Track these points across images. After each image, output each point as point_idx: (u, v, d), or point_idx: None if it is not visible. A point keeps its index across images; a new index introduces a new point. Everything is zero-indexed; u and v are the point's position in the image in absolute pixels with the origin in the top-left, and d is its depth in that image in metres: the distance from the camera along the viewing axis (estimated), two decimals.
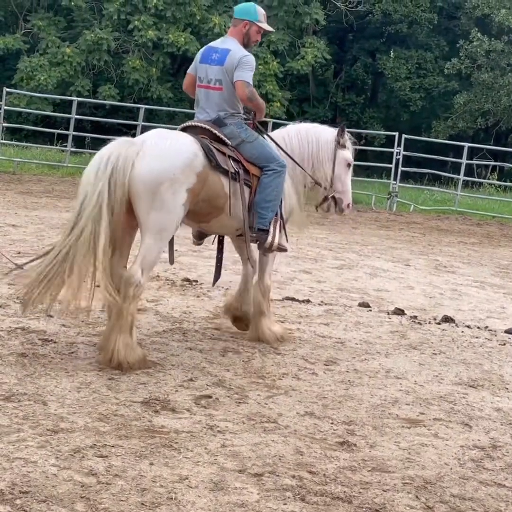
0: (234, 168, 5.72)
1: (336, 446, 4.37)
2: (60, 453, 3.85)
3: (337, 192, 6.48)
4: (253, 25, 6.02)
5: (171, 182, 5.26)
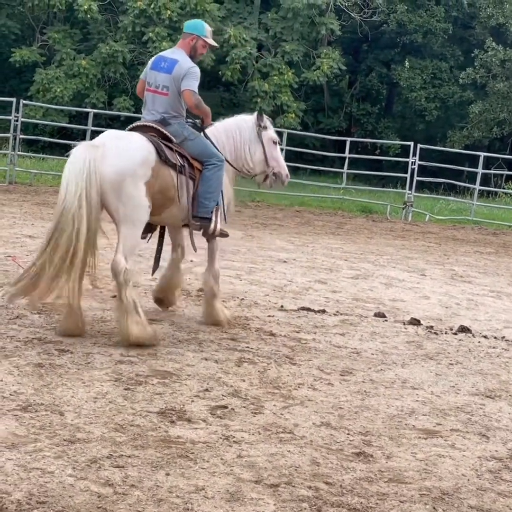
0: (180, 162, 6.37)
1: (353, 457, 4.36)
2: (77, 464, 3.86)
3: (274, 167, 7.15)
4: (199, 39, 6.67)
5: (132, 177, 5.93)
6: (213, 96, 30.03)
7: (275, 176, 7.19)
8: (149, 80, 6.59)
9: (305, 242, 13.21)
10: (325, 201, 19.91)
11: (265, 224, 15.29)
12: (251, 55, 26.23)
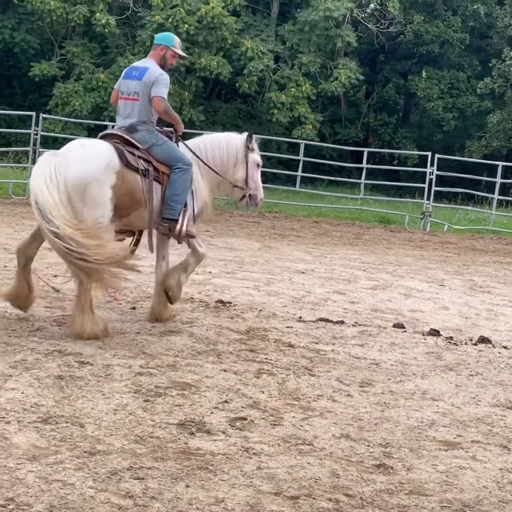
0: (144, 166, 6.65)
1: (373, 469, 4.34)
2: (97, 475, 3.88)
3: (252, 189, 7.44)
4: (168, 50, 7.02)
5: (96, 182, 6.30)
6: (231, 108, 30.16)
7: (251, 197, 7.46)
8: (122, 89, 6.93)
9: (323, 253, 13.20)
10: (342, 212, 19.90)
11: (283, 235, 15.31)
12: (268, 67, 26.31)
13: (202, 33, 25.81)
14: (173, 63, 7.11)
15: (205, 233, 14.29)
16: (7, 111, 26.72)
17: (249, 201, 7.49)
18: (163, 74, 6.86)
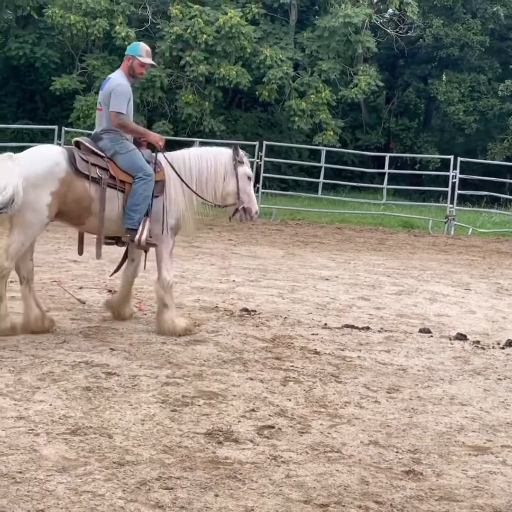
0: (98, 174, 6.67)
1: (402, 475, 4.31)
2: (127, 486, 3.89)
3: (245, 203, 7.33)
4: (135, 59, 7.07)
5: (33, 187, 6.35)
6: (251, 116, 30.20)
7: (245, 210, 7.35)
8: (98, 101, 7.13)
9: (347, 259, 13.16)
10: (365, 217, 19.84)
11: (306, 242, 15.29)
12: (288, 74, 26.32)
13: (221, 43, 25.86)
14: (142, 72, 7.17)
15: (228, 241, 14.33)
16: (30, 125, 26.99)
17: (243, 215, 7.37)
18: (119, 85, 6.92)
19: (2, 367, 5.62)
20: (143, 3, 26.85)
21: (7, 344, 6.22)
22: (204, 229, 15.17)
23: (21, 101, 31.03)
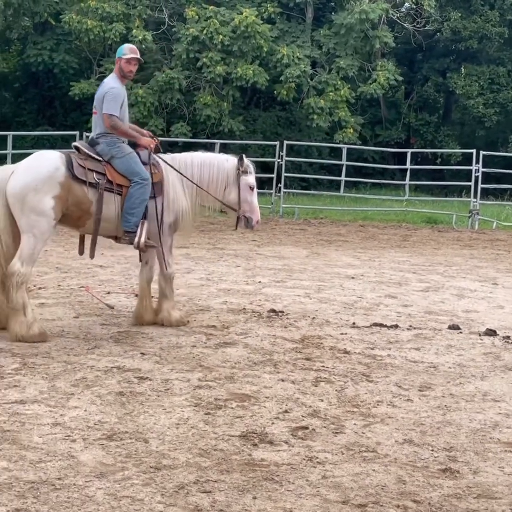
0: (95, 179, 6.85)
1: (439, 474, 4.30)
2: (165, 490, 3.91)
3: (246, 212, 7.48)
4: (121, 60, 7.20)
5: (34, 192, 6.57)
6: (270, 116, 30.19)
7: (247, 220, 7.50)
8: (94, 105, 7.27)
9: (372, 257, 13.13)
10: (388, 214, 19.78)
11: (330, 241, 15.27)
12: (305, 72, 26.30)
13: (237, 43, 25.90)
14: (130, 69, 7.24)
15: (252, 242, 14.35)
16: (50, 131, 27.18)
17: (246, 224, 7.53)
18: (112, 88, 7.09)
19: (36, 374, 5.67)
20: (159, 6, 26.95)
21: (39, 351, 6.27)
22: (227, 231, 15.21)
23: (40, 107, 31.27)
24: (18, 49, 31.46)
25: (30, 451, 4.30)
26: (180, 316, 7.47)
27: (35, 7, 27.54)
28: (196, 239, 13.96)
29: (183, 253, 12.19)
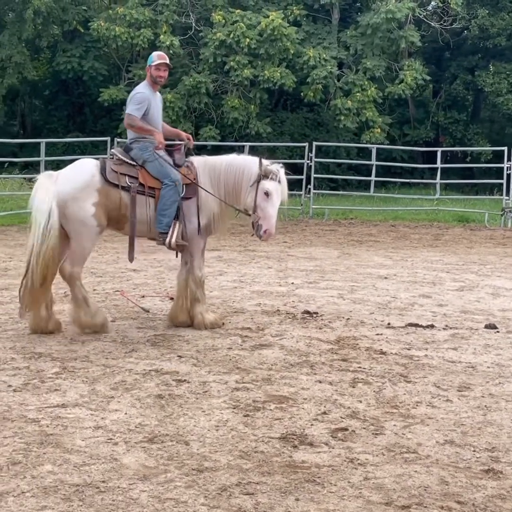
0: (128, 183, 7.07)
1: (482, 474, 4.27)
2: (208, 492, 3.93)
3: (260, 218, 7.19)
4: (151, 67, 7.44)
5: (73, 199, 6.89)
6: (297, 117, 30.18)
7: (258, 227, 7.21)
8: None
9: (404, 257, 13.07)
10: (419, 214, 19.67)
11: (361, 241, 15.22)
12: (332, 74, 26.26)
13: (264, 46, 25.93)
14: (160, 75, 7.43)
15: (283, 244, 14.35)
16: (81, 137, 27.40)
17: (255, 231, 7.27)
18: (137, 93, 7.34)
19: (76, 378, 5.72)
20: (186, 11, 27.06)
21: (78, 355, 6.33)
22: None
23: (70, 114, 31.57)
24: (48, 57, 31.79)
25: (74, 454, 4.34)
26: (215, 318, 7.48)
27: (64, 15, 27.81)
28: (227, 241, 13.99)
29: (215, 255, 12.23)
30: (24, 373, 5.83)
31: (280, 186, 7.24)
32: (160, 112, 7.60)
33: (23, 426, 4.74)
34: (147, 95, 7.35)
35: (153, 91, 7.47)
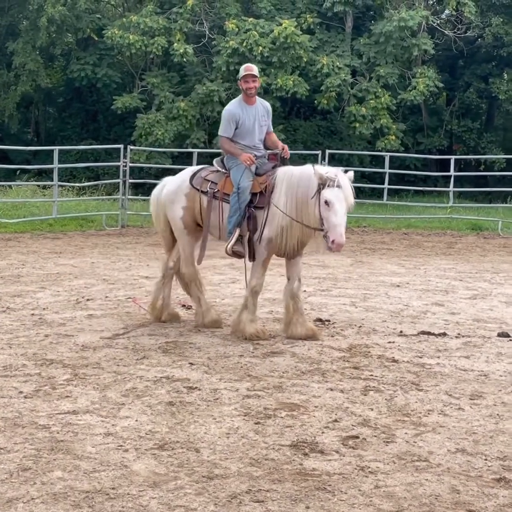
0: (208, 188, 7.43)
1: (493, 483, 4.25)
2: (218, 499, 3.92)
3: (326, 230, 6.77)
4: (240, 81, 7.58)
5: (170, 203, 7.64)
6: (310, 125, 30.20)
7: (327, 239, 6.76)
8: None
9: (416, 265, 13.03)
10: (432, 222, 19.59)
11: (374, 249, 15.19)
12: (346, 81, 26.27)
13: (277, 54, 25.98)
14: (249, 86, 7.50)
15: None
16: (95, 145, 27.52)
17: (326, 244, 6.79)
18: (225, 110, 7.61)
19: (87, 385, 5.73)
20: (199, 19, 27.15)
21: (89, 362, 6.34)
22: None
23: (84, 121, 31.71)
24: (62, 65, 31.98)
25: (84, 461, 4.35)
26: (256, 330, 7.22)
27: (78, 23, 27.98)
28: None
29: (227, 263, 12.22)
30: (35, 379, 5.84)
31: (342, 192, 6.76)
32: (256, 124, 7.49)
33: (34, 433, 4.75)
34: (234, 111, 7.47)
35: (247, 104, 7.53)
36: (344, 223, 6.78)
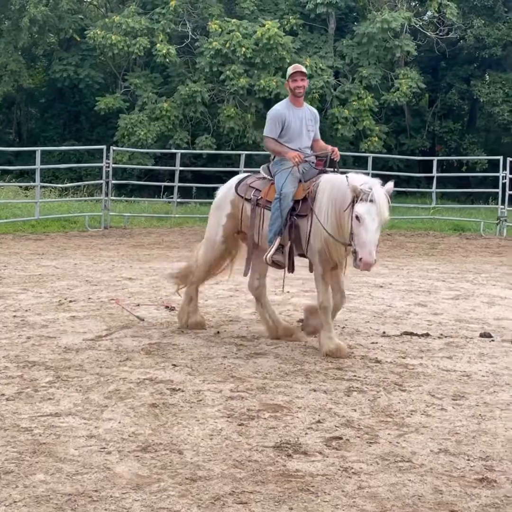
0: (252, 195, 7.19)
1: (476, 483, 4.26)
2: (201, 501, 3.91)
3: (354, 246, 6.38)
4: (288, 81, 7.30)
5: (217, 207, 7.56)
6: None
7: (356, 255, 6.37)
8: None
9: (400, 265, 13.07)
10: (415, 222, 19.67)
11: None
12: (329, 83, 26.34)
13: (260, 55, 26.01)
14: (297, 85, 7.21)
15: None
16: (78, 146, 27.41)
17: (354, 260, 6.40)
18: (271, 111, 7.36)
19: (69, 387, 5.70)
20: (182, 20, 27.13)
21: (72, 364, 6.31)
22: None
23: (66, 122, 31.61)
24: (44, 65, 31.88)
25: (67, 463, 4.32)
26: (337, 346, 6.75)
27: (60, 23, 27.90)
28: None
29: None
30: (18, 381, 5.81)
31: (375, 207, 6.27)
32: (303, 127, 7.21)
33: (16, 435, 4.72)
34: (281, 112, 7.18)
35: (294, 105, 7.23)
36: (374, 241, 6.31)
